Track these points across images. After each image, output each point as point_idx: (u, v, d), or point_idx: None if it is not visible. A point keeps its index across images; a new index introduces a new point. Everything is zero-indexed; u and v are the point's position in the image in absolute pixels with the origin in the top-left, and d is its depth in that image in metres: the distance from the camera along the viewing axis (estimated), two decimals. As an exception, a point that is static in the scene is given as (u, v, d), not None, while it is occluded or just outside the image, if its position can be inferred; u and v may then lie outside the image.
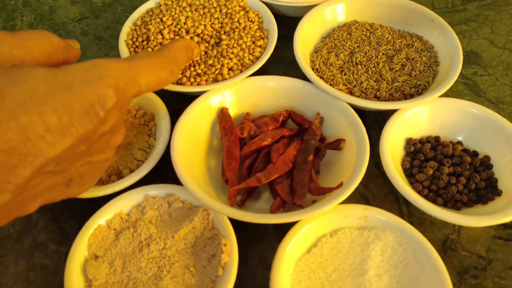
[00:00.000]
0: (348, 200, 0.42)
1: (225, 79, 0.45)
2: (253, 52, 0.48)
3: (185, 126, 0.42)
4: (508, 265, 0.38)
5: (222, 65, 0.46)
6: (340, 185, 0.38)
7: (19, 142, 0.21)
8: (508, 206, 0.37)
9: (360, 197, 0.43)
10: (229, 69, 0.46)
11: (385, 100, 0.46)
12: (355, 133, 0.41)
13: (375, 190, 0.43)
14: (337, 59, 0.49)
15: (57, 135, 0.23)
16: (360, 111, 0.48)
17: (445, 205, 0.40)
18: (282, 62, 0.54)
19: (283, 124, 0.46)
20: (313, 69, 0.49)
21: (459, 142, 0.44)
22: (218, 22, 0.50)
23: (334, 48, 0.51)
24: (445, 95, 0.50)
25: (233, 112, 0.46)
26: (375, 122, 0.49)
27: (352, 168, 0.39)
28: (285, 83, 0.46)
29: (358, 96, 0.46)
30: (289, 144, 0.43)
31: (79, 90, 0.24)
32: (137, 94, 0.30)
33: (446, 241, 0.40)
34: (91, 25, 0.60)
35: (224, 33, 0.49)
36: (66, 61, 0.29)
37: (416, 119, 0.44)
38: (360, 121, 0.42)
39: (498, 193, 0.40)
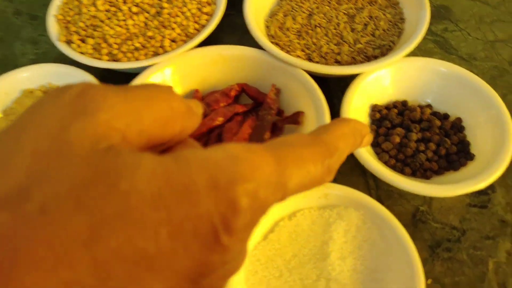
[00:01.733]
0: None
1: (167, 52, 0.41)
2: (198, 20, 0.43)
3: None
4: (484, 234, 0.35)
5: (164, 37, 0.41)
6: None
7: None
8: (482, 171, 0.34)
9: (324, 172, 0.40)
10: (172, 41, 0.42)
11: (346, 64, 0.42)
12: (313, 104, 0.37)
13: (342, 164, 0.40)
14: (294, 23, 0.45)
15: (147, 271, 0.14)
16: (322, 79, 0.44)
17: (413, 174, 0.37)
18: (236, 31, 0.49)
19: (236, 100, 0.42)
20: (268, 35, 0.45)
21: (429, 105, 0.41)
22: (158, -10, 0.45)
23: (291, 11, 0.46)
24: (413, 54, 0.46)
25: (179, 90, 0.41)
26: (338, 90, 0.45)
27: (310, 142, 0.35)
28: (236, 52, 0.41)
29: (317, 62, 0.42)
30: (243, 122, 0.39)
31: (197, 200, 0.15)
32: (276, 202, 0.19)
33: (416, 214, 0.37)
34: (25, 3, 0.54)
35: (167, 0, 0.44)
36: (182, 131, 0.19)
37: (381, 83, 0.40)
38: (318, 89, 0.38)
39: (471, 157, 0.37)
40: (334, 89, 0.44)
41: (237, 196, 0.15)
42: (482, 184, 0.33)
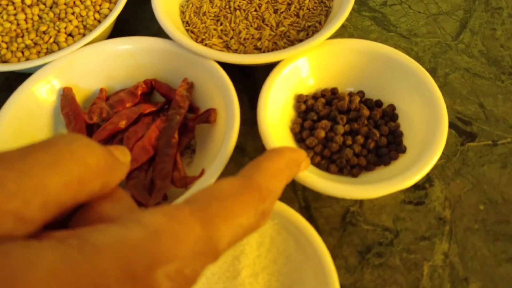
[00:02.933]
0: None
1: (62, 49, 0.36)
2: (100, 9, 0.38)
3: (8, 122, 0.32)
4: (419, 235, 0.32)
5: (59, 31, 0.36)
6: (202, 173, 0.30)
7: None
8: (412, 164, 0.30)
9: (246, 174, 0.35)
10: (68, 35, 0.37)
11: (268, 51, 0.37)
12: (224, 100, 0.33)
13: (264, 163, 0.36)
14: (211, 6, 0.40)
15: None
16: (249, 68, 0.40)
17: (341, 172, 0.33)
18: (154, 21, 0.44)
19: (147, 98, 0.37)
20: (183, 22, 0.40)
21: (360, 92, 0.36)
22: (58, -24, 0.40)
23: (208, -8, 0.41)
24: (349, 35, 0.42)
25: (80, 91, 0.37)
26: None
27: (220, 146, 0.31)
28: (142, 44, 0.37)
29: (236, 50, 0.37)
30: (152, 124, 0.35)
31: None
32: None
33: (346, 215, 0.33)
34: None
35: (66, -11, 0.39)
36: (104, 187, 0.16)
37: (305, 70, 0.36)
38: (229, 83, 0.33)
39: (402, 150, 0.33)
40: (261, 79, 0.40)
41: (157, 282, 0.13)
42: (411, 181, 0.29)
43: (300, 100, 0.36)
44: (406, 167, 0.31)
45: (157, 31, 0.43)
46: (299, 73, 0.36)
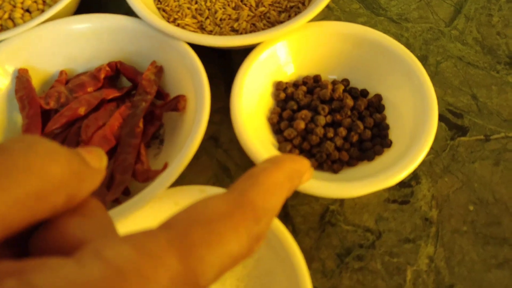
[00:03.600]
0: (202, 172, 0.32)
1: (18, 26, 0.32)
2: (62, -18, 0.34)
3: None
4: (403, 237, 0.29)
5: (14, 6, 0.33)
6: (165, 166, 0.27)
7: None
8: (398, 160, 0.28)
9: (218, 167, 0.33)
10: (26, 10, 0.33)
11: (246, 33, 0.34)
12: (194, 87, 0.30)
13: (239, 156, 0.33)
14: (186, -17, 0.36)
15: None
16: (226, 51, 0.37)
17: (320, 167, 0.30)
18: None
19: (112, 83, 0.34)
20: (155, 0, 0.36)
21: (345, 80, 0.34)
22: None
23: (184, -32, 0.37)
24: (336, 18, 0.39)
25: (40, 72, 0.33)
26: (243, 64, 0.37)
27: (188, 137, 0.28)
28: (107, 22, 0.33)
29: (211, 31, 0.34)
30: (115, 111, 0.31)
31: None
32: None
33: (326, 214, 0.30)
34: None
35: (25, -40, 0.35)
36: (70, 199, 0.14)
37: (285, 55, 0.33)
38: (200, 67, 0.30)
39: (387, 144, 0.30)
40: (239, 63, 0.37)
41: None
42: (395, 179, 0.27)
43: (279, 87, 0.33)
44: (391, 163, 0.28)
45: (128, 10, 0.39)
46: (279, 58, 0.33)
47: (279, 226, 0.25)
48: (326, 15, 0.39)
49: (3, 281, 0.09)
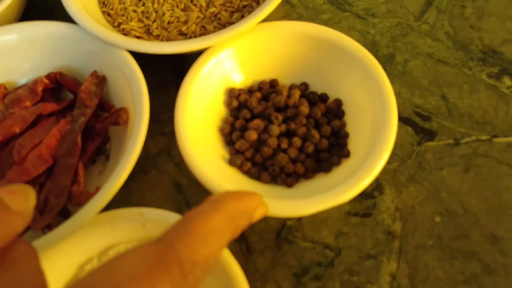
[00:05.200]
0: (151, 189, 0.30)
1: None
2: (-4, -11, 0.32)
3: None
4: (364, 253, 0.27)
5: None
6: (97, 190, 0.25)
7: None
8: (354, 173, 0.25)
9: (170, 182, 0.31)
10: (-44, 22, 0.31)
11: (195, 36, 0.32)
12: (133, 95, 0.28)
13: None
14: (133, -16, 0.34)
15: None
16: (179, 56, 0.34)
17: (274, 181, 0.28)
18: None
19: (55, 96, 0.32)
20: (99, 2, 0.34)
21: (303, 84, 0.31)
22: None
23: (131, -33, 0.35)
24: (298, 16, 0.36)
25: (-25, 86, 0.31)
26: (198, 69, 0.35)
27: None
28: (44, 30, 0.31)
29: (158, 36, 0.32)
30: (53, 127, 0.29)
31: None
32: None
33: (282, 231, 0.28)
34: None
35: (-42, -35, 0.33)
36: None
37: (238, 58, 0.31)
38: (139, 77, 0.28)
39: (345, 154, 0.28)
40: (194, 68, 0.35)
41: None
42: (351, 193, 0.24)
43: (232, 95, 0.31)
44: (349, 174, 0.26)
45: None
46: (231, 62, 0.31)
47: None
48: (288, 12, 0.37)
49: None
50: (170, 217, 0.25)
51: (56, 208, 0.26)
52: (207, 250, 0.15)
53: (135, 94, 0.27)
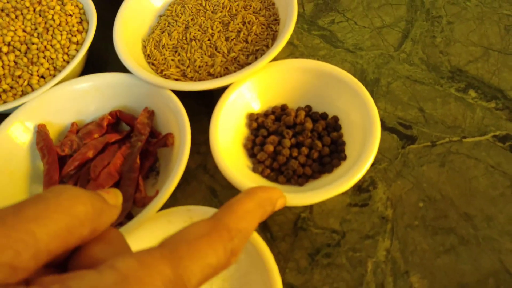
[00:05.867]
0: (192, 195, 0.38)
1: (35, 90, 0.40)
2: (68, 51, 0.42)
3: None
4: (363, 234, 0.35)
5: (32, 74, 0.40)
6: (156, 193, 0.33)
7: None
8: (349, 170, 0.33)
9: (207, 189, 0.39)
10: (40, 77, 0.41)
11: (220, 76, 0.41)
12: (178, 125, 0.36)
13: (223, 179, 0.39)
14: (170, 39, 0.44)
15: None
16: (208, 91, 0.43)
17: (289, 182, 0.36)
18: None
19: (115, 128, 0.41)
20: (145, 55, 0.44)
21: (307, 106, 0.40)
22: (31, 24, 0.44)
23: (167, 26, 0.45)
24: (300, 54, 0.45)
25: (55, 125, 0.40)
26: (223, 101, 0.44)
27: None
28: (106, 80, 0.40)
29: (192, 77, 0.41)
30: (117, 151, 0.38)
31: None
32: None
33: (297, 221, 0.36)
34: None
35: (38, 35, 0.43)
36: (94, 231, 0.18)
37: (255, 90, 0.39)
38: (181, 109, 0.37)
39: (343, 157, 0.36)
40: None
41: None
42: (348, 184, 0.32)
43: (251, 118, 0.39)
44: (346, 171, 0.34)
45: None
46: (250, 93, 0.39)
47: (253, 234, 0.31)
48: (292, 51, 0.46)
49: (50, 286, 0.14)
50: (210, 211, 0.33)
51: (126, 210, 0.34)
52: (245, 223, 0.21)
53: (179, 123, 0.36)
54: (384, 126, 0.39)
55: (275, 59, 0.39)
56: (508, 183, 0.35)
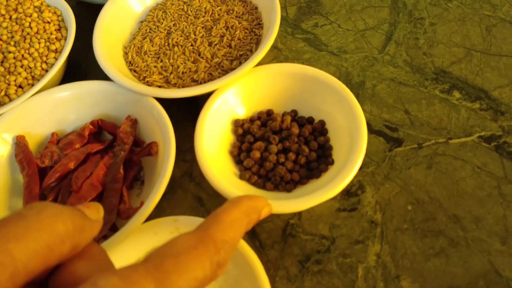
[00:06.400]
0: (179, 204, 0.37)
1: (13, 100, 0.38)
2: (46, 59, 0.41)
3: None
4: (353, 239, 0.34)
5: (9, 84, 0.39)
6: (141, 204, 0.32)
7: None
8: (337, 175, 0.33)
9: (193, 198, 0.38)
10: (18, 86, 0.39)
11: (204, 82, 0.40)
12: (161, 133, 0.35)
13: (209, 187, 0.38)
14: (152, 45, 0.43)
15: None
16: (192, 98, 0.43)
17: (276, 188, 0.35)
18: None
19: (97, 138, 0.40)
20: (126, 62, 0.43)
21: (293, 111, 0.39)
22: (8, 32, 0.43)
23: (149, 32, 0.44)
24: (284, 57, 0.45)
25: (35, 136, 0.39)
26: (208, 107, 0.43)
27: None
28: (86, 88, 0.39)
29: (175, 84, 0.40)
30: (100, 161, 0.37)
31: None
32: None
33: (286, 228, 0.35)
34: None
35: (15, 43, 0.42)
36: (75, 248, 0.17)
37: (239, 96, 0.39)
38: (165, 117, 0.36)
39: (331, 162, 0.35)
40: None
41: None
42: (337, 189, 0.31)
43: (237, 124, 0.39)
44: (333, 176, 0.33)
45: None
46: (234, 99, 0.39)
47: (241, 243, 0.30)
48: (276, 55, 0.46)
49: None
50: (197, 221, 0.32)
51: (109, 222, 0.33)
52: (232, 233, 0.21)
53: (163, 130, 0.35)
54: (371, 129, 0.39)
55: (259, 63, 0.38)
56: (495, 184, 0.35)
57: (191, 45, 0.42)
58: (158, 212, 0.37)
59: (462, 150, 0.37)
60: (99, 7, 0.44)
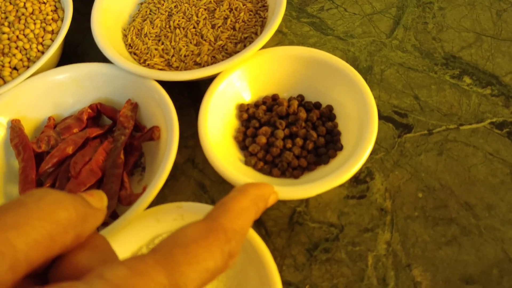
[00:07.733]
0: (181, 191, 0.36)
1: (7, 83, 0.37)
2: (42, 41, 0.39)
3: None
4: (362, 227, 0.33)
5: (3, 66, 0.37)
6: (144, 189, 0.31)
7: None
8: (347, 161, 0.31)
9: (196, 185, 0.37)
10: (13, 68, 0.38)
11: (207, 65, 0.38)
12: (164, 117, 0.34)
13: (213, 173, 0.37)
14: (152, 27, 0.41)
15: None
16: (194, 82, 0.41)
17: (283, 175, 0.34)
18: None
19: (95, 122, 0.38)
20: (126, 44, 0.41)
21: (299, 96, 0.38)
22: (1, 12, 0.41)
23: (149, 14, 0.42)
24: (289, 41, 0.43)
25: (31, 120, 0.38)
26: (211, 92, 0.41)
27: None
28: (84, 70, 0.38)
29: (177, 67, 0.39)
30: (99, 147, 0.36)
31: None
32: None
33: (293, 216, 0.34)
34: None
35: (9, 24, 0.40)
36: (78, 237, 0.16)
37: (244, 80, 0.37)
38: (168, 101, 0.34)
39: (339, 147, 0.34)
40: (205, 91, 0.41)
41: None
42: (346, 175, 0.30)
43: (241, 109, 0.37)
44: (343, 163, 0.32)
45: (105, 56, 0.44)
46: (239, 83, 0.37)
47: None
48: (281, 39, 0.44)
49: None
50: (202, 207, 0.31)
51: (110, 209, 0.32)
52: (241, 222, 0.20)
53: (166, 115, 0.34)
54: (380, 115, 0.38)
55: (263, 47, 0.37)
56: (508, 171, 0.34)
57: (194, 27, 0.40)
58: (160, 199, 0.35)
59: (474, 137, 0.36)
60: (97, -13, 0.42)
